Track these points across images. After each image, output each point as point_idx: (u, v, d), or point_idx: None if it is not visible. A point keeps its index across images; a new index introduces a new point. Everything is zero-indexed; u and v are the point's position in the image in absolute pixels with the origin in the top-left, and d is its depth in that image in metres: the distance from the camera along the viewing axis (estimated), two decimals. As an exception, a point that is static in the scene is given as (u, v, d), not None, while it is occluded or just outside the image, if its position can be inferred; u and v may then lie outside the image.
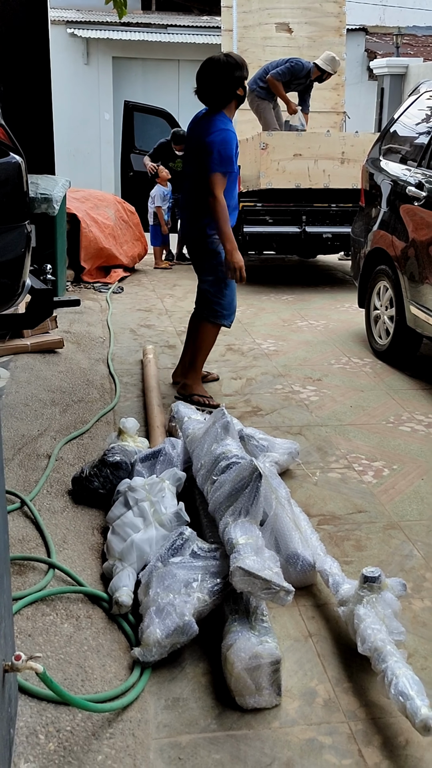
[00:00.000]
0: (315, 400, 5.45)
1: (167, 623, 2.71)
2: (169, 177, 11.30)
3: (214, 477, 3.30)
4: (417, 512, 3.92)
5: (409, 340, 6.07)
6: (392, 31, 20.81)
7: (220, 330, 5.60)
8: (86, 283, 9.46)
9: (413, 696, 2.37)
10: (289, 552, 3.20)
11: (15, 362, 5.77)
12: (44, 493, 3.88)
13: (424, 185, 5.73)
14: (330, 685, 2.70)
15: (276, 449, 4.17)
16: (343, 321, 7.76)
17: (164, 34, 20.81)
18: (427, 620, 3.07)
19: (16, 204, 4.36)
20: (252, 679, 2.54)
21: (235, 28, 11.41)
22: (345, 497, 4.06)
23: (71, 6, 20.00)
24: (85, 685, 2.58)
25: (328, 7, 11.58)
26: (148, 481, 3.53)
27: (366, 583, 2.79)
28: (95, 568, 3.32)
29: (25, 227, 4.48)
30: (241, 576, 2.67)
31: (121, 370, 5.99)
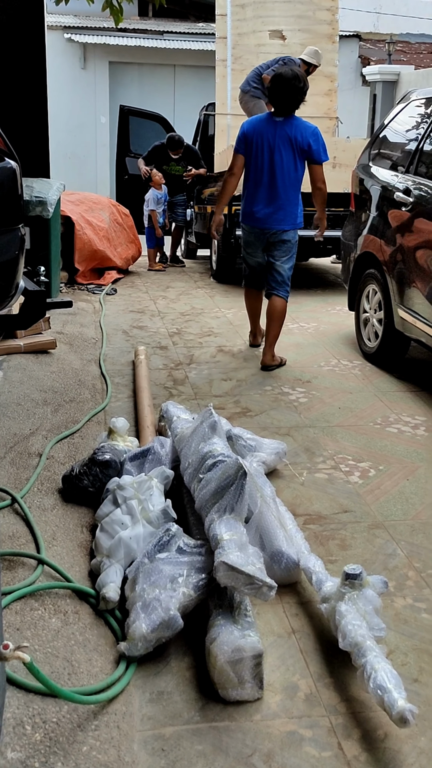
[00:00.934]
0: (304, 402, 5.51)
1: (153, 618, 2.77)
2: (162, 182, 11.37)
3: (200, 475, 3.35)
4: (401, 512, 3.98)
5: (398, 342, 6.14)
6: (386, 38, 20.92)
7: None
8: (80, 285, 9.53)
9: (391, 689, 2.42)
10: (274, 550, 3.25)
11: (8, 362, 5.83)
12: (35, 490, 3.93)
13: (412, 191, 5.80)
14: (312, 679, 2.76)
15: (263, 449, 4.23)
16: (333, 324, 7.83)
17: (160, 40, 20.93)
18: (409, 618, 3.13)
19: (10, 207, 4.41)
20: (235, 672, 2.59)
21: (230, 36, 11.51)
22: (331, 497, 4.12)
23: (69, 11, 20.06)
24: (71, 678, 2.63)
25: (321, 15, 11.69)
26: (137, 480, 3.59)
27: (347, 580, 2.85)
28: (84, 565, 3.37)
29: (19, 230, 4.53)
30: (225, 571, 2.72)
31: (112, 371, 6.05)
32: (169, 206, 11.91)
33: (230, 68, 11.53)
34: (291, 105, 6.19)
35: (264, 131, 6.22)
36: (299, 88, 6.13)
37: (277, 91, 6.17)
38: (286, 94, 6.13)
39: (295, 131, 6.17)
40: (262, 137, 6.22)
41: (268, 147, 6.20)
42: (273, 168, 6.21)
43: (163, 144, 11.76)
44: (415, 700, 2.62)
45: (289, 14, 11.57)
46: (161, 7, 10.20)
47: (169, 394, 5.61)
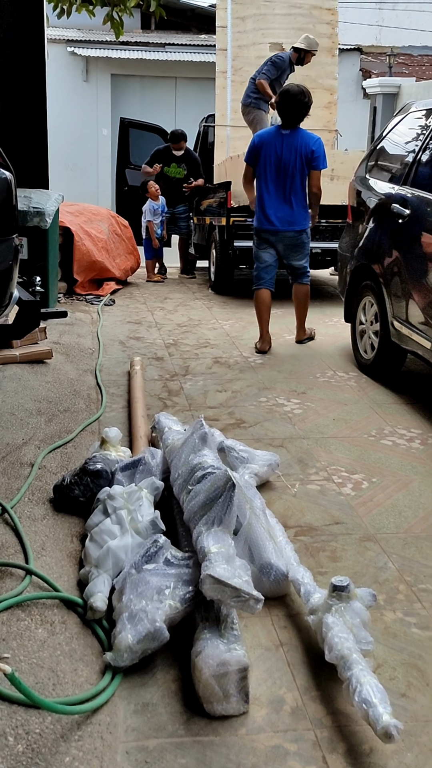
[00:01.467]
0: (298, 413, 5.50)
1: (139, 629, 2.75)
2: (158, 193, 11.37)
3: (189, 486, 3.34)
4: (394, 525, 3.97)
5: (394, 354, 6.13)
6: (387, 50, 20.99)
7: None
8: (79, 296, 9.54)
9: (376, 703, 2.41)
10: (263, 562, 3.24)
11: (3, 372, 5.82)
12: (26, 500, 3.92)
13: (408, 203, 5.80)
14: (298, 693, 2.74)
15: (256, 461, 4.22)
16: (330, 335, 7.83)
17: (162, 52, 21.00)
18: (398, 631, 3.11)
19: (4, 218, 4.43)
20: (220, 686, 2.58)
21: (230, 48, 11.56)
22: (323, 509, 4.10)
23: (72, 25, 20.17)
24: (56, 688, 2.61)
25: (321, 28, 11.74)
26: (127, 490, 3.58)
27: (335, 591, 2.83)
28: (72, 575, 3.36)
29: (13, 240, 4.54)
30: (211, 584, 2.71)
31: (108, 381, 6.04)
32: (171, 219, 11.93)
33: (230, 80, 11.58)
34: (296, 118, 6.93)
35: (273, 143, 6.95)
36: (304, 103, 6.87)
37: (284, 105, 6.92)
38: (292, 108, 6.88)
39: (301, 142, 6.90)
40: (271, 149, 6.95)
41: (276, 157, 6.93)
42: (283, 177, 6.96)
43: (164, 147, 11.81)
44: (402, 715, 2.61)
45: (289, 27, 11.62)
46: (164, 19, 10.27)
47: (164, 404, 5.61)
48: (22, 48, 8.08)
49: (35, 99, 8.27)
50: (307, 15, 11.79)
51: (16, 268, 4.58)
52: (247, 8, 11.70)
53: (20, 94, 8.14)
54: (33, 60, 8.17)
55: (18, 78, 8.11)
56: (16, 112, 8.12)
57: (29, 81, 8.17)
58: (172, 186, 11.76)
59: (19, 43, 8.06)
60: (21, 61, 8.09)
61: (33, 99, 8.25)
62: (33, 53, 8.16)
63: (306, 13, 11.81)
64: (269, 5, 11.74)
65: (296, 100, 6.85)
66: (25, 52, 8.11)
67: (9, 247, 4.41)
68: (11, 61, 8.06)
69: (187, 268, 12.46)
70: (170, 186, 11.75)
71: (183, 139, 11.67)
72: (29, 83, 8.17)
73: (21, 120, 8.16)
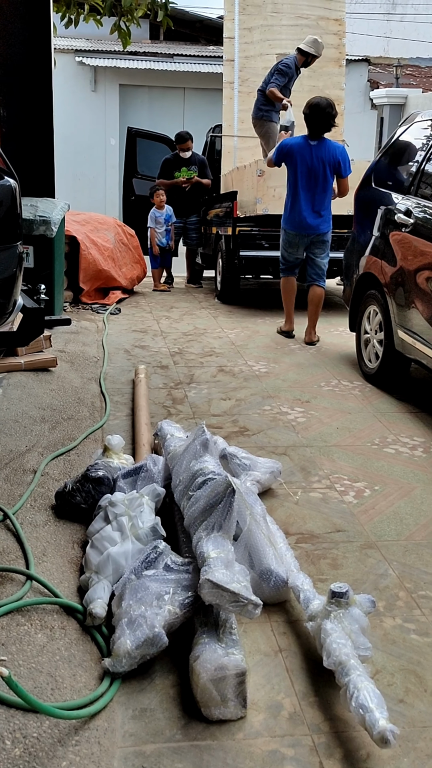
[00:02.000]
0: (302, 422, 5.51)
1: (138, 634, 2.76)
2: (163, 202, 11.37)
3: (190, 492, 3.35)
4: (395, 532, 3.97)
5: (398, 363, 6.13)
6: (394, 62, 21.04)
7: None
8: (85, 304, 9.56)
9: (373, 709, 2.41)
10: (263, 568, 3.24)
11: (8, 380, 5.85)
12: (28, 507, 3.94)
13: (412, 212, 5.82)
14: (296, 698, 2.74)
15: (258, 468, 4.23)
16: (335, 344, 7.84)
17: (170, 63, 21.07)
18: (397, 638, 3.11)
19: (8, 225, 4.45)
20: (217, 691, 2.58)
21: (237, 59, 11.61)
22: (324, 516, 4.11)
23: (80, 35, 20.28)
24: (54, 693, 2.62)
25: (328, 39, 11.76)
26: (128, 497, 3.59)
27: (333, 598, 2.84)
28: (73, 581, 3.37)
29: (18, 248, 4.56)
30: (210, 588, 2.72)
31: (112, 389, 6.06)
32: (183, 229, 11.97)
33: (237, 90, 11.62)
34: (324, 129, 7.57)
35: (302, 152, 7.62)
36: (332, 115, 7.49)
37: (314, 117, 7.51)
38: (321, 120, 7.49)
39: (328, 152, 7.61)
40: (300, 158, 7.62)
41: (305, 166, 7.62)
42: (311, 183, 7.65)
43: (173, 155, 11.85)
44: (400, 720, 2.61)
45: (296, 38, 11.64)
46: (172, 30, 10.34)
47: (168, 412, 5.62)
48: (29, 57, 8.13)
49: (42, 108, 8.32)
50: (314, 26, 11.83)
51: (20, 275, 4.60)
52: (254, 19, 11.75)
53: (27, 103, 8.18)
54: (40, 69, 8.22)
55: (25, 87, 8.15)
56: (23, 121, 8.17)
57: (36, 90, 8.22)
58: (184, 196, 11.78)
59: (26, 52, 8.11)
60: (28, 70, 8.14)
61: (40, 108, 8.30)
62: (40, 62, 8.20)
63: (313, 23, 11.86)
64: (276, 16, 11.79)
65: (325, 113, 7.45)
66: (32, 61, 8.15)
67: (13, 254, 4.44)
68: (18, 70, 8.10)
69: (193, 278, 12.49)
70: (182, 196, 11.76)
71: (189, 139, 11.70)
72: (36, 92, 8.22)
73: (28, 129, 8.21)
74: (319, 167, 7.62)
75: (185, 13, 21.75)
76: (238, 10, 11.68)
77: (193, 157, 11.80)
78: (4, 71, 8.09)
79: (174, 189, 11.66)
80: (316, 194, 7.70)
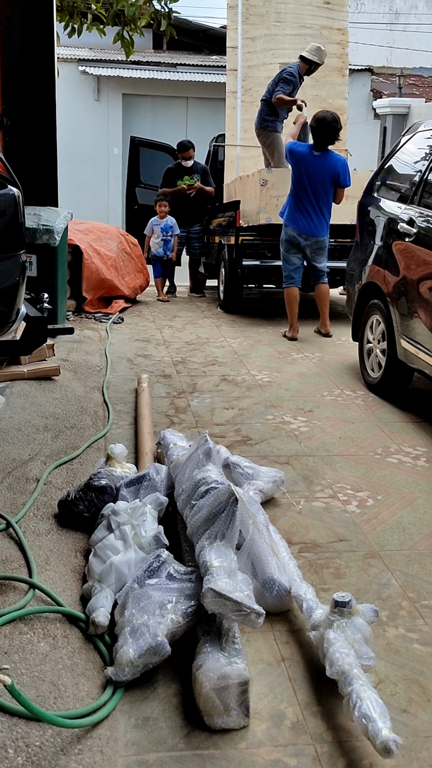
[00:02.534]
0: (305, 431, 5.51)
1: (140, 643, 2.76)
2: (165, 212, 11.35)
3: (193, 501, 3.36)
4: (398, 542, 3.97)
5: (401, 373, 6.13)
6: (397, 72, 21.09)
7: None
8: (87, 314, 9.57)
9: (375, 718, 2.41)
10: (266, 577, 3.24)
11: (11, 388, 5.85)
12: (30, 515, 3.94)
13: (415, 222, 5.83)
14: (299, 708, 2.74)
15: (261, 477, 4.23)
16: (338, 354, 7.84)
17: (173, 72, 21.12)
18: (400, 648, 3.11)
19: (11, 234, 4.47)
20: (220, 700, 2.58)
21: (240, 68, 11.64)
22: (327, 526, 4.11)
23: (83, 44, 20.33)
24: (57, 702, 2.62)
25: (331, 49, 11.79)
26: (131, 505, 3.60)
27: (336, 607, 2.84)
28: (76, 590, 3.37)
29: (20, 256, 4.58)
30: (213, 597, 2.72)
31: (115, 398, 6.06)
32: (186, 239, 11.98)
33: (240, 100, 11.65)
34: (328, 143, 8.16)
35: (306, 161, 8.19)
36: (336, 129, 8.09)
37: (319, 131, 8.08)
38: (325, 134, 8.08)
39: (329, 163, 8.20)
40: (304, 166, 8.18)
41: (307, 175, 8.18)
42: (313, 192, 8.21)
43: (175, 165, 11.88)
44: (403, 730, 2.61)
45: (299, 47, 11.63)
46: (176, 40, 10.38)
47: (171, 421, 5.62)
48: (32, 66, 8.16)
49: (45, 117, 8.34)
50: (317, 35, 11.85)
51: (23, 284, 4.61)
52: (257, 29, 11.78)
53: (30, 112, 8.20)
54: (43, 78, 8.24)
55: (28, 96, 8.18)
56: (26, 130, 8.19)
57: (39, 99, 8.24)
58: (187, 206, 11.79)
59: (29, 62, 8.14)
60: (31, 79, 8.16)
61: (43, 117, 8.32)
62: (43, 71, 8.23)
63: (316, 33, 11.88)
64: (279, 26, 11.82)
65: (330, 127, 8.05)
66: (35, 70, 8.18)
67: (16, 263, 4.45)
68: (21, 79, 8.13)
69: (196, 287, 12.50)
70: (186, 206, 11.78)
71: (191, 148, 11.72)
72: (39, 101, 8.24)
73: (31, 138, 8.23)
74: (319, 177, 8.19)
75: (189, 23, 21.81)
76: (241, 19, 11.71)
77: (195, 165, 11.83)
78: (7, 80, 8.11)
79: (177, 198, 11.67)
80: (314, 201, 8.26)
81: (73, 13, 11.20)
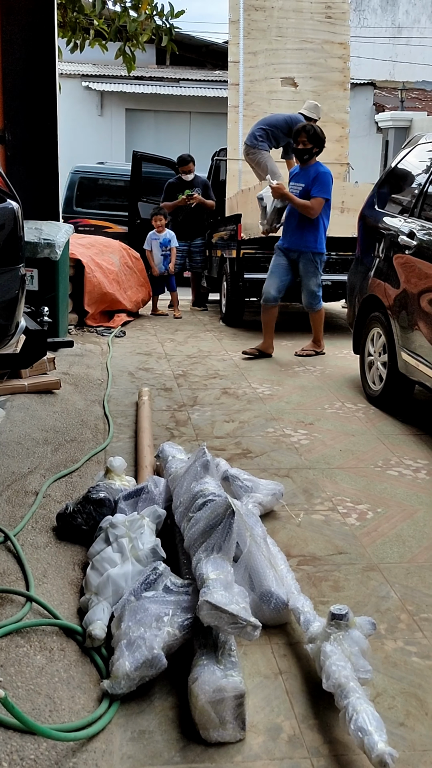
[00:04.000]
0: (305, 444, 5.50)
1: (136, 656, 2.75)
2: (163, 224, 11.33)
3: (190, 514, 3.35)
4: (398, 555, 3.95)
5: (401, 385, 6.13)
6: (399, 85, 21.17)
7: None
8: (89, 327, 9.59)
9: (371, 731, 2.39)
10: (263, 590, 3.23)
11: (11, 402, 5.86)
12: (29, 528, 3.93)
13: (416, 234, 5.83)
14: (296, 721, 2.73)
15: (260, 490, 4.22)
16: (339, 367, 7.84)
17: (176, 87, 21.22)
18: (399, 661, 3.09)
19: (11, 248, 4.48)
20: (216, 713, 2.57)
21: (242, 83, 11.67)
22: (327, 539, 4.09)
23: (87, 60, 20.44)
24: (52, 715, 2.61)
25: (333, 63, 11.84)
26: (129, 518, 3.59)
27: (333, 620, 2.83)
28: (73, 602, 3.36)
29: (20, 270, 4.59)
30: (208, 610, 2.71)
31: (116, 412, 6.06)
32: (188, 253, 11.99)
33: (242, 114, 11.67)
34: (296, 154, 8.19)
35: (291, 177, 8.29)
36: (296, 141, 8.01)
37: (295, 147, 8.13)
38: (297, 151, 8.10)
39: (307, 176, 8.01)
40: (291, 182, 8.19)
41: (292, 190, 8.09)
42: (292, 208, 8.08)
43: (176, 179, 11.91)
44: (400, 744, 2.59)
45: (300, 61, 11.74)
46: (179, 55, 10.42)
47: (171, 435, 5.62)
48: (35, 81, 8.20)
49: (47, 132, 8.38)
50: (319, 50, 11.90)
51: (23, 297, 4.62)
52: (259, 43, 11.82)
53: (32, 127, 8.24)
54: (45, 93, 8.28)
55: (30, 111, 8.22)
56: (28, 145, 8.22)
57: (41, 114, 8.28)
58: (189, 220, 11.81)
59: (31, 77, 8.18)
60: (33, 94, 8.20)
61: (45, 132, 8.35)
62: (45, 87, 8.27)
63: (318, 47, 11.93)
64: (281, 40, 11.86)
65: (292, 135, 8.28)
66: (37, 85, 8.22)
67: (15, 276, 4.46)
68: (23, 95, 8.17)
69: (198, 301, 12.51)
70: (187, 219, 11.80)
71: (191, 162, 11.76)
72: (41, 116, 8.28)
73: (33, 153, 8.26)
74: (299, 191, 8.05)
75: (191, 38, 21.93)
76: (242, 34, 11.75)
77: (195, 179, 11.87)
78: (10, 96, 8.15)
79: (179, 211, 11.70)
80: (298, 215, 8.05)
81: (75, 28, 11.25)
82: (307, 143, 7.95)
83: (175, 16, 11.65)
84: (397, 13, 25.26)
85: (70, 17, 11.16)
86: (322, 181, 7.97)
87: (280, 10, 11.84)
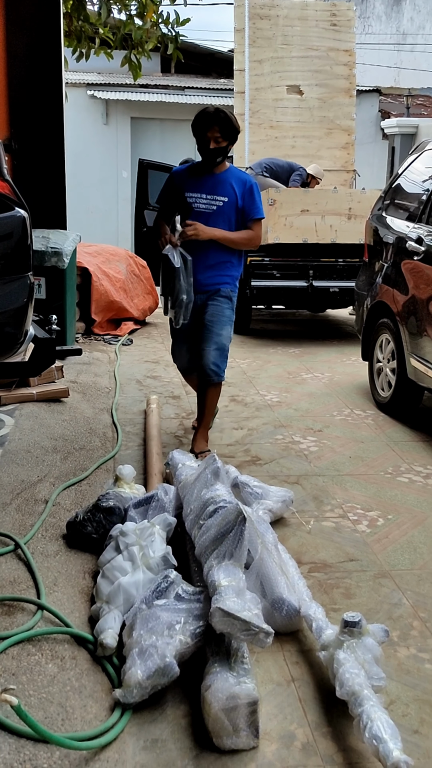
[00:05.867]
0: (314, 451, 5.49)
1: (148, 664, 2.74)
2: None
3: (201, 521, 3.34)
4: (409, 561, 3.94)
5: (410, 392, 6.11)
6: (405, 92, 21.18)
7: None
8: (97, 336, 9.57)
9: (386, 739, 2.38)
10: (275, 597, 3.22)
11: (20, 410, 5.86)
12: (39, 536, 3.93)
13: (424, 240, 5.82)
14: (309, 729, 2.71)
15: (270, 497, 4.21)
16: (348, 374, 7.82)
17: (181, 95, 21.23)
18: (412, 668, 3.08)
19: (19, 256, 4.47)
20: (229, 720, 2.56)
21: (247, 90, 11.69)
22: (337, 546, 4.08)
23: (92, 69, 20.46)
24: (65, 724, 2.60)
25: (339, 70, 11.85)
26: (139, 526, 3.58)
27: (346, 627, 2.82)
28: (84, 611, 3.35)
29: (28, 278, 4.58)
30: (221, 617, 2.70)
31: (124, 420, 6.05)
32: None
33: (248, 122, 11.69)
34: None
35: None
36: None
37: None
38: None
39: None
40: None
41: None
42: None
43: None
44: (415, 751, 2.58)
45: (306, 69, 11.75)
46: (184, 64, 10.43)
47: (180, 442, 5.61)
48: (41, 90, 8.22)
49: (54, 141, 8.40)
50: (324, 57, 11.92)
51: (32, 306, 4.61)
52: (264, 51, 11.84)
53: (39, 136, 8.26)
54: (51, 102, 8.30)
55: (36, 120, 8.23)
56: (35, 154, 8.24)
57: (48, 123, 8.30)
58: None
59: (38, 86, 8.20)
60: (39, 103, 8.22)
61: (51, 141, 8.37)
62: (51, 96, 8.29)
63: (323, 55, 11.94)
64: (286, 48, 11.88)
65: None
66: (44, 94, 8.24)
67: (24, 284, 4.45)
68: (30, 104, 8.19)
69: None
70: None
71: None
72: (48, 125, 8.30)
73: (40, 162, 8.28)
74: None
75: (196, 47, 21.93)
76: (248, 42, 11.78)
77: None
78: (17, 105, 8.17)
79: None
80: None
81: (81, 37, 11.29)
82: (221, 140, 5.31)
83: (180, 24, 11.69)
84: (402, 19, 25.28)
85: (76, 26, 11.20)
86: (258, 195, 5.56)
87: (285, 19, 11.86)
